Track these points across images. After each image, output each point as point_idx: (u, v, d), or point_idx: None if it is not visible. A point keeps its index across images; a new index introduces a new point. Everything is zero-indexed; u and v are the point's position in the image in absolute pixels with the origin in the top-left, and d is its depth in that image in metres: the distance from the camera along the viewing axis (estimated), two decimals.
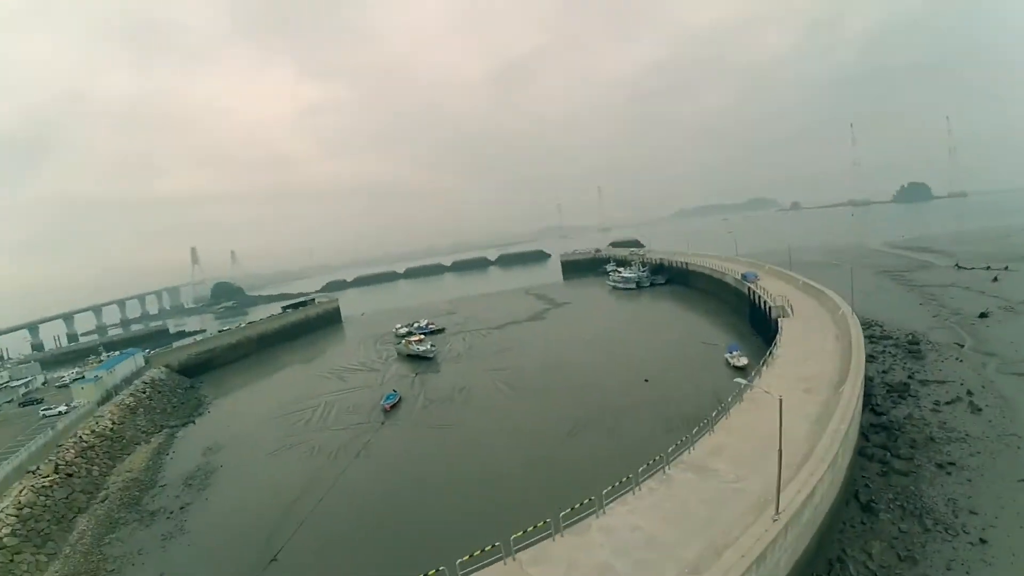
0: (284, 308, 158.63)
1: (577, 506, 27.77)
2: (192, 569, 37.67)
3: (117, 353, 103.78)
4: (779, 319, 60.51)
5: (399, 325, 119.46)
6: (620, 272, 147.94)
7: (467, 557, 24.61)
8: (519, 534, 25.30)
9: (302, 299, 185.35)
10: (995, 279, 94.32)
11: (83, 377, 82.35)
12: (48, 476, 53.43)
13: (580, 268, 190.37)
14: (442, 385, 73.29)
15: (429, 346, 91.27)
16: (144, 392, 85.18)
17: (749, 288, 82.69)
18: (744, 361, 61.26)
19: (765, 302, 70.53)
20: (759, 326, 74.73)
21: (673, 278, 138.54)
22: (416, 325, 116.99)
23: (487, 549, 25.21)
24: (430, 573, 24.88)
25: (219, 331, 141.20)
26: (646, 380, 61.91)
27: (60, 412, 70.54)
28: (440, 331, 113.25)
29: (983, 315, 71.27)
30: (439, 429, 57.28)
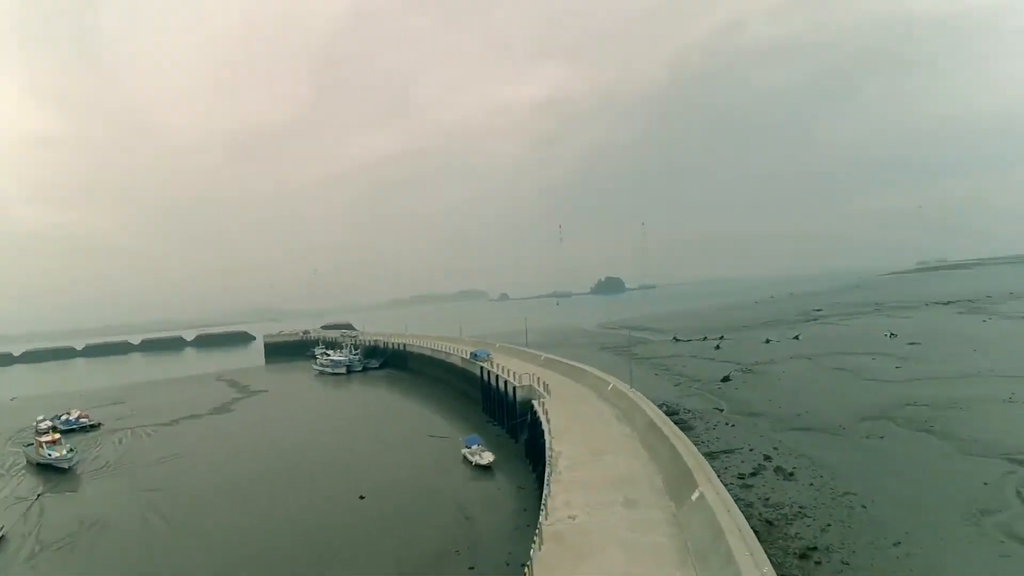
0: None
1: None
2: None
3: None
4: (533, 402, 47.29)
5: (41, 417, 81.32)
6: (329, 355, 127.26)
7: None
8: None
9: None
10: (717, 347, 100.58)
11: None
12: None
13: (285, 351, 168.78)
14: (69, 516, 44.57)
15: (67, 451, 60.25)
16: None
17: (481, 367, 70.12)
18: (489, 458, 46.29)
19: (506, 382, 57.68)
20: (497, 412, 61.44)
21: (389, 361, 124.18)
22: (63, 418, 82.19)
23: None
24: None
25: None
26: (362, 497, 42.03)
27: None
28: (95, 427, 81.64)
29: (726, 379, 70.94)
30: None
